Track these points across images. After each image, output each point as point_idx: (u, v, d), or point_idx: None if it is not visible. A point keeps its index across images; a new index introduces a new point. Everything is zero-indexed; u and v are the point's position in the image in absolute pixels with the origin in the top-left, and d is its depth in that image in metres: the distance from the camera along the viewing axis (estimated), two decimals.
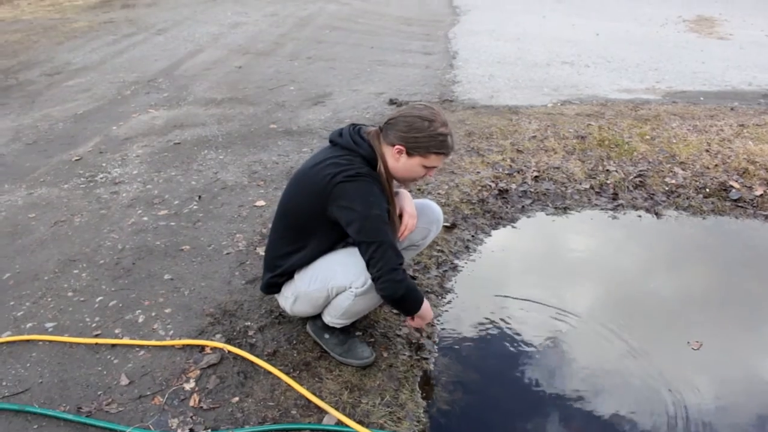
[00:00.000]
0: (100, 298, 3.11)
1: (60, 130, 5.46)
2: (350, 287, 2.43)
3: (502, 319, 3.11)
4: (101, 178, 4.47)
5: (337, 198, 2.31)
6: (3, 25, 10.01)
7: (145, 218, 3.89)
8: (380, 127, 2.45)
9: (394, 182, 2.53)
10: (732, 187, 4.30)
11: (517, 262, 3.68)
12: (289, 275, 2.59)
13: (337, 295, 2.49)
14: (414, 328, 2.79)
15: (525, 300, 3.29)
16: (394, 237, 2.46)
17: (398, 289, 2.37)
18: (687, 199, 4.23)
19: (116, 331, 2.85)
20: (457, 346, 2.92)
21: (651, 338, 3.00)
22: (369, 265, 2.34)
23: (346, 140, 2.43)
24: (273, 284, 2.65)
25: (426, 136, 2.33)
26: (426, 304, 2.53)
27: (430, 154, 2.36)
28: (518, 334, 3.02)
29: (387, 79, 6.63)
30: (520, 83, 6.43)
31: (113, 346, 2.76)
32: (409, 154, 2.36)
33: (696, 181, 4.38)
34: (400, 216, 2.57)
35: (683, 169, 4.49)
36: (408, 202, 2.62)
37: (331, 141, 2.51)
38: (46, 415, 2.36)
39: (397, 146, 2.36)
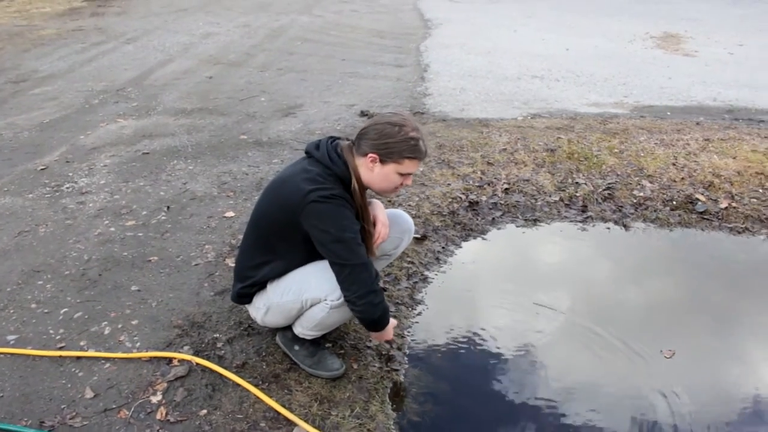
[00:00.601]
0: (65, 309, 3.04)
1: (25, 139, 5.36)
2: (325, 299, 2.42)
3: (472, 330, 3.12)
4: (67, 188, 4.39)
5: (310, 216, 2.31)
6: None
7: (112, 229, 3.83)
8: (353, 141, 2.45)
9: (368, 191, 2.52)
10: (698, 200, 4.37)
11: (487, 274, 3.69)
12: (260, 285, 2.56)
13: (311, 306, 2.47)
14: (383, 340, 2.78)
15: (495, 310, 3.30)
16: (369, 248, 2.46)
17: (375, 311, 2.41)
18: (654, 211, 4.29)
19: (81, 344, 2.79)
20: (427, 358, 2.92)
21: (623, 347, 3.02)
22: (343, 287, 2.35)
23: (323, 154, 2.41)
24: (244, 294, 2.62)
25: (397, 141, 2.32)
26: (391, 321, 2.58)
27: (404, 159, 2.36)
28: (488, 345, 3.02)
29: (358, 91, 6.64)
30: (490, 96, 6.49)
31: (78, 358, 2.70)
32: (382, 161, 2.36)
33: (663, 193, 4.45)
34: (374, 224, 2.56)
35: (651, 182, 4.56)
36: (381, 211, 2.62)
37: (307, 152, 2.50)
38: (7, 430, 2.30)
39: (370, 155, 2.35)
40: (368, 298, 2.35)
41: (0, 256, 3.52)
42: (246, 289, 2.60)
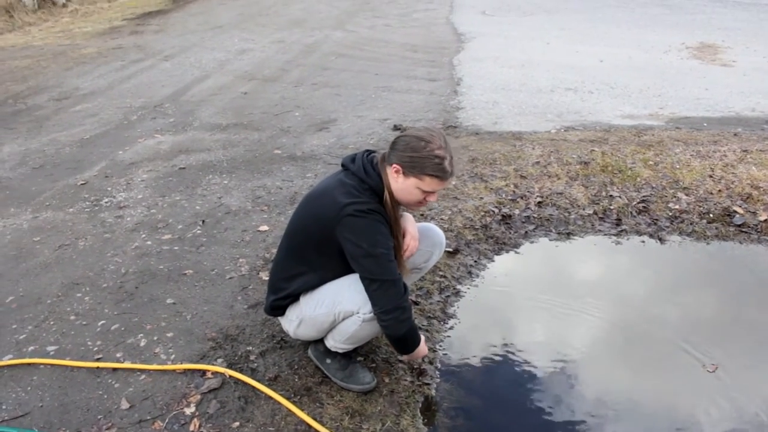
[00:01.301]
0: (103, 321, 3.11)
1: (66, 155, 5.50)
2: (358, 312, 2.44)
3: (504, 345, 3.10)
4: (106, 203, 4.49)
5: (344, 229, 2.33)
6: (14, 51, 10.14)
7: (149, 242, 3.90)
8: (385, 153, 2.47)
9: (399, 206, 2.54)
10: (736, 212, 4.29)
11: (520, 288, 3.67)
12: (293, 298, 2.59)
13: (343, 319, 2.49)
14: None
15: (528, 324, 3.28)
16: (399, 263, 2.47)
17: (401, 328, 2.43)
18: (691, 224, 4.22)
19: (118, 355, 2.85)
20: (459, 372, 2.91)
21: (663, 363, 2.98)
22: (372, 302, 2.37)
23: (358, 167, 2.44)
24: (277, 307, 2.65)
25: (421, 157, 2.32)
26: (422, 344, 2.59)
27: (425, 176, 2.34)
28: (521, 359, 3.00)
29: (392, 106, 6.67)
30: (523, 109, 6.46)
31: (114, 370, 2.76)
32: (405, 174, 2.37)
33: (699, 206, 4.38)
34: (403, 236, 2.57)
35: (687, 195, 4.49)
36: (411, 224, 2.64)
37: (343, 165, 2.52)
38: None
39: (395, 165, 2.37)
40: (395, 314, 2.37)
41: (41, 269, 3.62)
42: (279, 301, 2.62)
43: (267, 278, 2.93)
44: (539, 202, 4.41)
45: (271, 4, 14.48)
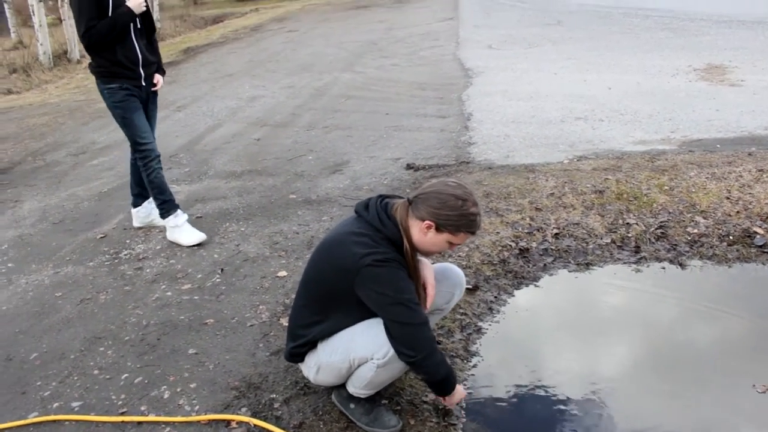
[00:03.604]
0: (126, 375, 3.12)
1: (85, 209, 5.58)
2: (372, 358, 2.43)
3: (530, 381, 3.06)
4: (125, 255, 4.54)
5: (365, 280, 2.34)
6: (32, 109, 10.36)
7: (169, 293, 3.93)
8: (409, 200, 2.48)
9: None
10: (756, 233, 4.25)
11: (542, 322, 3.64)
12: (311, 345, 2.59)
13: (359, 366, 2.49)
14: (455, 403, 2.74)
15: (553, 359, 3.25)
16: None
17: (441, 370, 2.44)
18: (711, 248, 4.19)
19: (142, 408, 2.85)
20: (485, 410, 2.87)
21: (707, 389, 2.94)
22: (405, 348, 2.36)
23: (372, 216, 2.45)
24: (296, 354, 2.66)
25: (458, 215, 2.37)
26: (459, 386, 2.59)
27: (460, 233, 2.41)
28: (548, 395, 2.96)
29: (403, 144, 6.72)
30: (535, 141, 6.48)
31: (139, 423, 2.76)
32: (438, 230, 2.40)
33: (719, 229, 4.34)
34: (424, 287, 2.58)
35: (705, 218, 4.46)
36: (429, 271, 2.64)
37: (356, 212, 2.54)
38: None
39: (427, 221, 2.39)
40: (433, 358, 2.39)
41: (64, 324, 3.65)
42: (297, 348, 2.63)
43: (287, 324, 2.94)
44: (556, 234, 4.40)
45: (280, 50, 14.72)
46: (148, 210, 4.92)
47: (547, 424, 2.80)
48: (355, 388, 2.58)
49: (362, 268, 2.33)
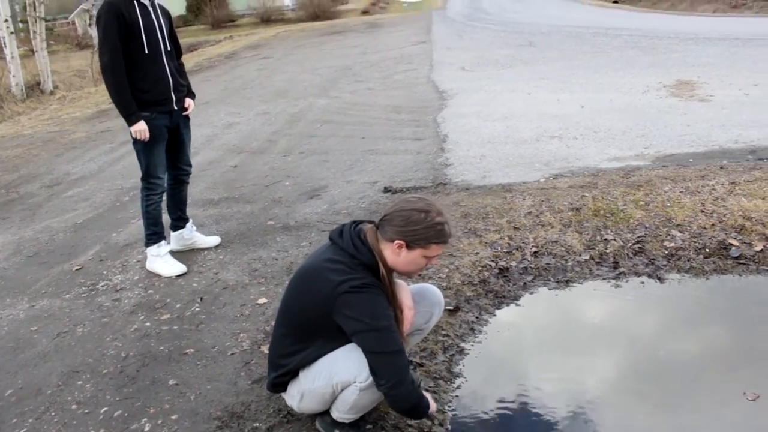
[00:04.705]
0: (105, 408, 3.06)
1: (60, 241, 5.51)
2: (355, 382, 2.42)
3: (514, 401, 3.06)
4: (102, 286, 4.48)
5: (342, 307, 2.33)
6: (4, 141, 10.26)
7: (148, 324, 3.88)
8: (376, 225, 2.48)
9: (393, 273, 2.54)
10: (731, 245, 4.31)
11: (524, 341, 3.64)
12: (293, 374, 2.57)
13: (342, 390, 2.47)
14: None
15: (536, 379, 3.24)
16: (399, 332, 2.47)
17: (411, 399, 2.41)
18: (688, 261, 4.23)
19: None
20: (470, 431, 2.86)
21: (692, 400, 2.94)
22: (377, 376, 2.35)
23: (347, 243, 2.45)
24: (278, 383, 2.63)
25: (424, 228, 2.37)
26: (432, 405, 2.56)
27: (431, 245, 2.41)
28: (534, 414, 2.95)
29: (380, 168, 6.74)
30: (511, 161, 6.53)
31: None
32: (409, 247, 2.40)
33: (695, 242, 4.39)
34: (400, 309, 2.57)
35: (681, 232, 4.51)
36: (405, 294, 2.62)
37: (331, 239, 2.53)
38: None
39: (396, 241, 2.39)
40: (403, 387, 2.36)
41: (40, 359, 3.58)
42: (280, 378, 2.60)
43: (267, 353, 2.91)
44: (535, 252, 4.42)
45: (255, 77, 14.76)
46: (191, 232, 4.90)
47: None
48: (339, 413, 2.56)
49: (339, 296, 2.32)
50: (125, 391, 3.20)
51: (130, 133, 4.28)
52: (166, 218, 4.74)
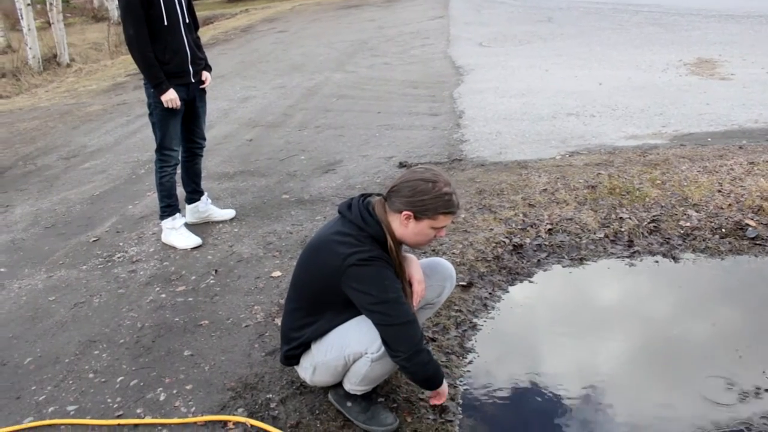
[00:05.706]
0: (121, 377, 3.11)
1: (77, 212, 5.56)
2: (366, 353, 2.44)
3: (526, 377, 3.07)
4: (119, 258, 4.52)
5: (350, 280, 2.34)
6: (22, 114, 10.32)
7: (163, 295, 3.92)
8: (384, 197, 2.48)
9: (403, 246, 2.55)
10: (748, 225, 4.27)
11: (537, 317, 3.65)
12: (305, 346, 2.59)
13: (354, 361, 2.49)
14: (442, 401, 2.73)
15: (548, 355, 3.25)
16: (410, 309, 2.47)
17: (428, 369, 2.43)
18: (703, 240, 4.20)
19: (138, 411, 2.85)
20: (481, 407, 2.88)
21: (708, 379, 2.93)
22: (391, 348, 2.36)
23: (355, 215, 2.45)
24: (291, 356, 2.65)
25: (432, 198, 2.36)
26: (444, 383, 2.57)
27: (438, 215, 2.40)
28: (544, 391, 2.97)
29: (396, 143, 6.72)
30: (527, 138, 6.49)
31: (135, 426, 2.75)
32: (417, 218, 2.39)
33: (711, 222, 4.36)
34: (410, 284, 2.58)
35: (697, 211, 4.48)
36: (415, 267, 2.62)
37: (340, 212, 2.54)
38: None
39: (404, 212, 2.39)
40: (418, 358, 2.36)
41: (58, 328, 3.63)
42: (292, 351, 2.63)
43: (280, 326, 2.94)
44: (549, 230, 4.41)
45: (270, 50, 14.70)
46: (206, 205, 4.94)
47: (543, 419, 2.80)
48: (351, 384, 2.58)
49: (347, 268, 2.33)
50: (141, 360, 3.25)
51: (147, 105, 4.29)
52: (181, 191, 4.77)
